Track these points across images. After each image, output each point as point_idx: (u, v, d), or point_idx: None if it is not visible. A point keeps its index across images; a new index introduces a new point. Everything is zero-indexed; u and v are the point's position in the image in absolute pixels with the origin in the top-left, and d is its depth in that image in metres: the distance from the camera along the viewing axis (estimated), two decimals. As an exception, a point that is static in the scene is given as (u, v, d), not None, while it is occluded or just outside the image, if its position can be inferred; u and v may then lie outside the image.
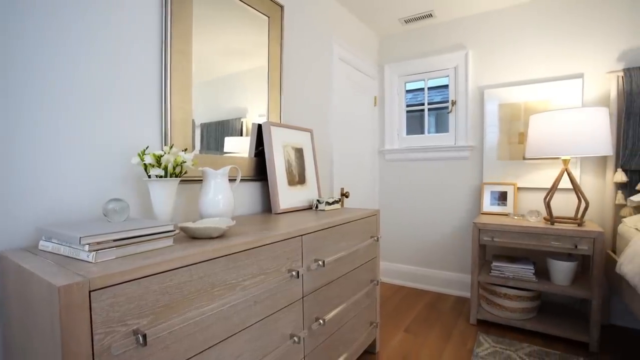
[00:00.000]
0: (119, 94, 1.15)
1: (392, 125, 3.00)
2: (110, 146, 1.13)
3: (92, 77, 1.08)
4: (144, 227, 0.85)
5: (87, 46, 1.06)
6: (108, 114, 1.12)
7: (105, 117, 1.11)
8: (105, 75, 1.11)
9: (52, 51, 0.99)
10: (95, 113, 1.09)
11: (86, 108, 1.06)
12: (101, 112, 1.10)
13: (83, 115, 1.06)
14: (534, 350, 1.89)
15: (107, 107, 1.12)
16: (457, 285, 2.75)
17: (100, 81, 1.09)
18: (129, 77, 1.17)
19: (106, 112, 1.11)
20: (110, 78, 1.12)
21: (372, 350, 1.90)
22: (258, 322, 1.04)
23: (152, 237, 0.86)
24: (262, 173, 1.75)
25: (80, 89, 1.05)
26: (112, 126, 1.13)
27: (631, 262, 1.56)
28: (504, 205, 2.46)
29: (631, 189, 2.08)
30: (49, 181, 0.99)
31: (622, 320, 2.20)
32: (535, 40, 2.41)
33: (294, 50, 2.00)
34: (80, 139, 1.05)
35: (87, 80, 1.06)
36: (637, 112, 2.04)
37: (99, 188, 1.10)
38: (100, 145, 1.10)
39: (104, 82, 1.10)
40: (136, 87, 1.19)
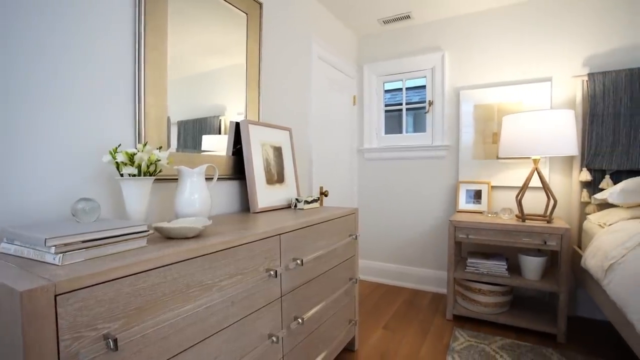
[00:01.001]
0: (89, 89, 1.10)
1: (371, 124, 3.03)
2: (80, 144, 1.08)
3: (60, 72, 1.03)
4: (116, 228, 0.82)
5: (55, 39, 1.01)
6: (77, 110, 1.07)
7: (75, 114, 1.06)
8: (74, 69, 1.06)
9: (15, 44, 0.94)
10: (63, 109, 1.04)
11: (54, 104, 1.02)
12: (70, 108, 1.05)
13: (50, 111, 1.01)
14: (506, 343, 1.96)
15: (77, 103, 1.07)
16: (434, 282, 2.81)
17: (68, 76, 1.05)
18: (100, 73, 1.12)
19: (75, 108, 1.07)
20: (79, 73, 1.07)
21: (351, 347, 1.91)
22: (236, 323, 1.03)
23: (124, 237, 0.83)
24: (241, 172, 1.73)
25: (47, 84, 1.00)
26: (82, 123, 1.08)
27: (594, 257, 1.64)
28: (479, 204, 2.54)
29: (595, 187, 2.19)
30: (12, 181, 0.94)
31: (587, 311, 2.31)
32: (508, 44, 2.50)
33: (273, 49, 1.99)
34: (46, 136, 1.00)
35: (54, 74, 1.02)
36: (600, 114, 2.15)
37: (68, 188, 1.05)
38: (69, 143, 1.05)
39: (72, 76, 1.06)
40: (108, 82, 1.15)
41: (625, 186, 1.86)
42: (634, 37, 2.15)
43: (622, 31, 2.18)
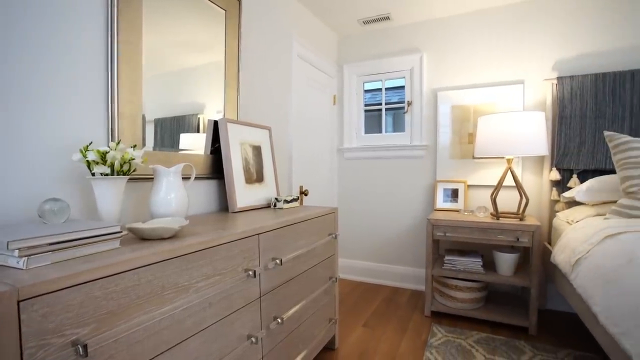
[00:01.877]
0: (59, 84, 1.05)
1: (351, 124, 3.05)
2: (48, 142, 1.03)
3: (25, 65, 0.98)
4: (86, 229, 0.79)
5: (17, 29, 0.96)
6: (45, 106, 1.02)
7: (42, 110, 1.01)
8: (41, 62, 1.01)
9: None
10: (28, 104, 0.99)
11: (17, 99, 0.96)
12: (37, 104, 1.00)
13: (14, 107, 0.96)
14: (481, 337, 2.02)
15: (44, 99, 1.02)
16: (413, 280, 2.86)
17: (34, 69, 1.00)
18: (69, 66, 1.08)
19: (43, 103, 1.02)
20: (47, 66, 1.02)
21: (332, 346, 1.92)
22: (213, 324, 1.01)
23: (95, 239, 0.80)
24: (219, 171, 1.71)
25: (9, 78, 0.95)
26: (50, 119, 1.03)
27: (563, 253, 1.72)
28: (456, 202, 2.60)
29: (564, 186, 2.29)
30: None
31: (557, 304, 2.42)
32: (484, 47, 2.57)
33: (253, 46, 1.96)
34: (10, 134, 0.95)
35: (17, 67, 0.96)
36: (567, 116, 2.25)
37: (35, 188, 1.00)
38: (36, 141, 1.00)
39: (39, 70, 1.01)
40: (78, 77, 1.10)
41: (590, 185, 1.96)
42: (598, 45, 2.26)
43: (588, 38, 2.28)
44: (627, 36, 2.19)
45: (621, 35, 2.21)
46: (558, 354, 1.84)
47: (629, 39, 2.19)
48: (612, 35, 2.23)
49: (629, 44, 2.19)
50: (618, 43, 2.22)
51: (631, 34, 2.18)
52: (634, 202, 1.61)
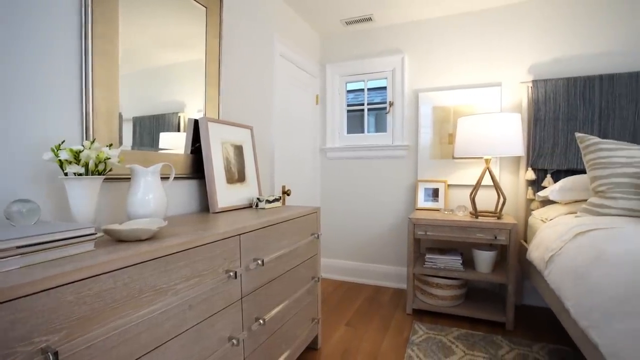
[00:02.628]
0: (27, 78, 1.01)
1: (334, 124, 3.06)
2: (17, 140, 0.99)
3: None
4: (58, 231, 0.76)
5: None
6: (13, 101, 0.98)
7: (10, 106, 0.97)
8: (8, 54, 0.96)
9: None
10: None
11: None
12: (3, 100, 0.96)
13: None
14: (461, 333, 2.06)
15: (10, 94, 0.97)
16: (395, 278, 2.90)
17: (2, 62, 0.95)
18: (39, 59, 1.03)
19: (10, 99, 0.97)
20: (14, 58, 0.98)
21: (314, 346, 1.92)
22: (193, 327, 1.00)
23: (67, 241, 0.77)
24: (200, 171, 1.68)
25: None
26: (17, 116, 0.99)
27: (537, 250, 1.78)
28: (437, 201, 2.65)
29: (538, 185, 2.37)
30: None
31: (532, 300, 2.50)
32: (464, 49, 2.63)
33: (234, 45, 1.94)
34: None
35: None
36: (542, 118, 2.33)
37: (1, 189, 0.96)
38: (3, 139, 0.96)
39: (6, 62, 0.96)
40: (49, 71, 1.06)
41: (563, 185, 2.04)
42: (570, 50, 2.35)
43: (561, 44, 2.37)
44: (596, 43, 2.29)
45: (591, 42, 2.30)
46: (533, 347, 1.90)
47: (598, 46, 2.29)
48: (583, 42, 2.32)
49: (598, 50, 2.29)
50: (588, 49, 2.31)
51: (600, 41, 2.28)
52: (602, 201, 1.69)
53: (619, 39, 2.25)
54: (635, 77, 2.12)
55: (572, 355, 1.82)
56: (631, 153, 1.70)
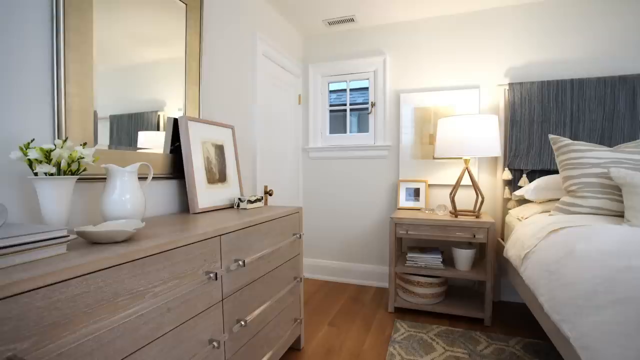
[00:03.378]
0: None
1: (316, 124, 3.06)
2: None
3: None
4: (27, 234, 0.72)
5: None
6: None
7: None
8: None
9: None
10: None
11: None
12: (-33, 97, 0.91)
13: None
14: (441, 330, 2.10)
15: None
16: (377, 277, 2.93)
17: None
18: (5, 52, 0.98)
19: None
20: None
21: (297, 346, 1.91)
22: (172, 330, 0.97)
23: (37, 244, 0.74)
24: (180, 170, 1.64)
25: None
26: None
27: (514, 247, 1.83)
28: (418, 201, 2.70)
29: (515, 185, 2.45)
30: None
31: (509, 296, 2.58)
32: (444, 52, 2.68)
33: (215, 43, 1.91)
34: None
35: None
36: (518, 120, 2.41)
37: (-36, 188, 0.91)
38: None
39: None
40: (17, 66, 1.01)
41: (537, 184, 2.11)
42: (544, 55, 2.43)
43: (536, 49, 2.46)
44: (567, 49, 2.39)
45: (563, 48, 2.40)
46: (510, 342, 1.96)
47: (570, 52, 2.38)
48: (556, 48, 2.41)
49: (570, 56, 2.38)
50: (560, 55, 2.40)
51: (571, 47, 2.38)
52: (573, 200, 1.76)
53: (589, 47, 2.35)
54: (602, 83, 2.22)
55: (546, 348, 1.88)
56: (599, 154, 1.78)
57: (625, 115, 2.18)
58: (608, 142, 2.22)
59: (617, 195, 1.66)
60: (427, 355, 1.82)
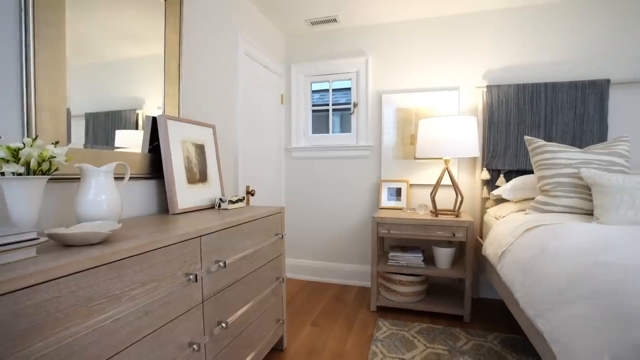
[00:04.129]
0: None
1: (299, 123, 3.05)
2: (-57, 136, 0.89)
3: None
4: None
5: None
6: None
7: None
8: None
9: None
10: None
11: None
12: None
13: None
14: (423, 327, 2.14)
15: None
16: (360, 276, 2.95)
17: None
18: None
19: None
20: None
21: (280, 347, 1.90)
22: (150, 334, 0.95)
23: (4, 248, 0.70)
24: (159, 170, 1.60)
25: None
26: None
27: (491, 245, 1.88)
28: (399, 201, 2.73)
29: (493, 184, 2.52)
30: None
31: (487, 293, 2.65)
32: (425, 54, 2.73)
33: (196, 41, 1.88)
34: None
35: None
36: (495, 122, 2.48)
37: None
38: None
39: None
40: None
41: (514, 184, 2.17)
42: (520, 59, 2.51)
43: (513, 52, 2.53)
44: (542, 53, 2.48)
45: (538, 52, 2.48)
46: (488, 337, 2.01)
47: (544, 56, 2.47)
48: (531, 52, 2.50)
49: (544, 60, 2.47)
50: (535, 59, 2.49)
51: (546, 52, 2.47)
52: (547, 199, 1.82)
53: (562, 52, 2.44)
54: (574, 87, 2.32)
55: (522, 343, 1.94)
56: (571, 155, 1.85)
57: (595, 118, 2.28)
58: (579, 144, 2.31)
59: (587, 195, 1.74)
60: (408, 352, 1.85)
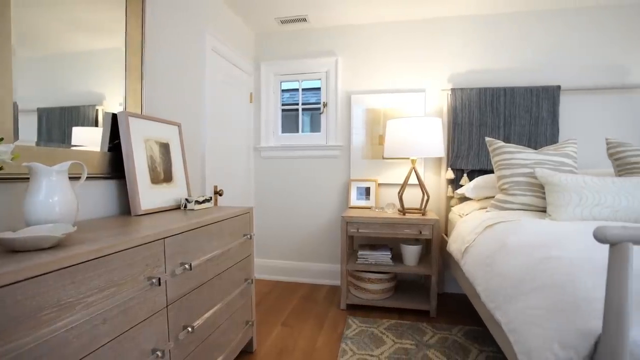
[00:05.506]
0: None
1: (268, 123, 3.02)
2: None
3: None
4: None
5: None
6: None
7: None
8: None
9: None
10: None
11: None
12: None
13: None
14: (391, 324, 2.19)
15: None
16: (330, 275, 2.97)
17: None
18: None
19: None
20: None
21: (250, 348, 1.88)
22: (109, 343, 0.90)
23: (-62, 255, 0.64)
24: (120, 170, 1.53)
25: None
26: None
27: (455, 242, 1.96)
28: (368, 200, 2.78)
29: (457, 184, 2.62)
30: None
31: (452, 288, 2.75)
32: (393, 56, 2.79)
33: (160, 35, 1.81)
34: None
35: None
36: (459, 123, 2.58)
37: None
38: None
39: None
40: None
41: (476, 183, 2.28)
42: (482, 64, 2.64)
43: (475, 57, 2.65)
44: (501, 60, 2.61)
45: (498, 59, 2.62)
46: (452, 330, 2.09)
47: (503, 62, 2.61)
48: (491, 58, 2.63)
49: (503, 66, 2.61)
50: (495, 64, 2.62)
51: (505, 58, 2.60)
52: (506, 197, 1.92)
53: (518, 59, 2.59)
54: (530, 92, 2.46)
55: (483, 335, 2.04)
56: (527, 156, 1.97)
57: (547, 121, 2.44)
58: (534, 145, 2.46)
59: (542, 193, 1.85)
60: (377, 349, 1.88)
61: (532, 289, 1.01)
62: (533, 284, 1.02)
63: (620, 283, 0.67)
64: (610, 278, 0.69)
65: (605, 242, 0.67)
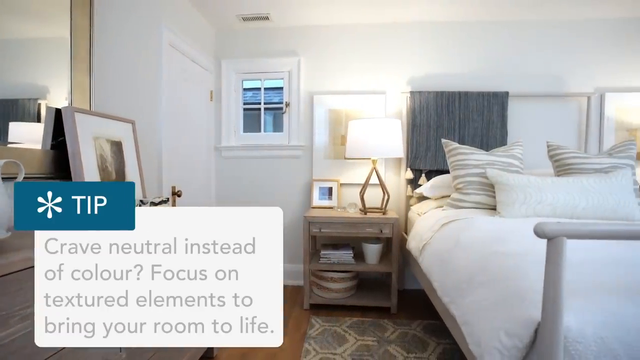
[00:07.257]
0: None
1: (229, 122, 2.96)
2: None
3: None
4: None
5: None
6: None
7: None
8: None
9: None
10: None
11: None
12: None
13: None
14: (353, 321, 2.22)
15: None
16: (293, 275, 2.95)
17: None
18: None
19: None
20: None
21: (210, 354, 1.82)
22: (51, 357, 0.83)
23: None
24: (66, 169, 1.41)
25: None
26: None
27: (414, 240, 2.03)
28: (330, 200, 2.80)
29: (416, 183, 2.72)
30: None
31: (412, 284, 2.85)
32: (355, 58, 2.84)
33: (111, 26, 1.70)
34: None
35: None
36: (418, 125, 2.68)
37: None
38: None
39: None
40: None
41: (434, 183, 2.38)
42: (438, 68, 2.77)
43: (432, 62, 2.77)
44: (456, 65, 2.75)
45: (453, 64, 2.76)
46: (412, 325, 2.17)
47: (458, 68, 2.75)
48: (447, 63, 2.76)
49: (458, 71, 2.75)
50: (451, 69, 2.76)
51: (459, 64, 2.75)
52: (460, 196, 2.03)
53: (471, 65, 2.74)
54: (482, 96, 2.62)
55: (441, 328, 2.13)
56: (480, 157, 2.09)
57: (498, 124, 2.61)
58: (486, 147, 2.61)
59: (492, 192, 1.97)
60: (340, 347, 1.91)
61: (482, 282, 1.07)
62: (483, 278, 1.08)
63: (555, 274, 0.73)
64: (548, 270, 0.75)
65: (544, 237, 0.73)
